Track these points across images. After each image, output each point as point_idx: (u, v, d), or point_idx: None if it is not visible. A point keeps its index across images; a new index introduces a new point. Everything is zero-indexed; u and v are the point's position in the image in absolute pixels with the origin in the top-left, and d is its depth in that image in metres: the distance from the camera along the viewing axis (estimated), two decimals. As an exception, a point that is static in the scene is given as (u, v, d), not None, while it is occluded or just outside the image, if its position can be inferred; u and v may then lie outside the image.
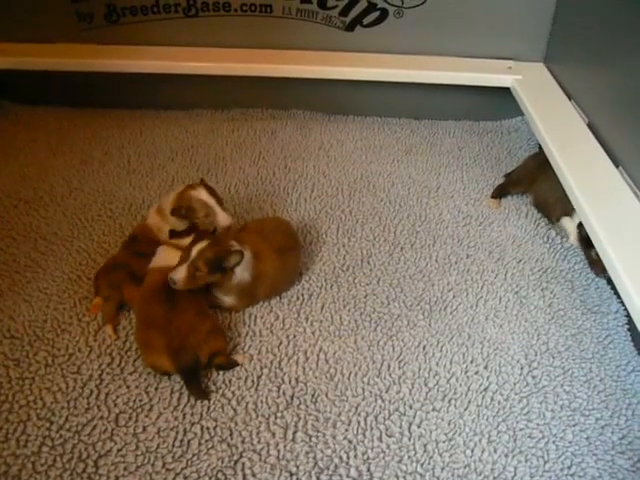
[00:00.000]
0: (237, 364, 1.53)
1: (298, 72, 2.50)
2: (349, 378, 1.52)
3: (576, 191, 1.75)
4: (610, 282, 1.80)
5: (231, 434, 1.38)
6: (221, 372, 1.52)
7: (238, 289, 1.63)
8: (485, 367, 1.56)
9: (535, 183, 2.14)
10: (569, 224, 1.96)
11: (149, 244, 1.73)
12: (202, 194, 1.76)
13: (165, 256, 1.65)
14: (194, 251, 1.52)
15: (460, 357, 1.59)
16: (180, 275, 1.50)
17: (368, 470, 1.32)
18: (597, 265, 1.77)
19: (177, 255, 1.59)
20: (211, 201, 1.75)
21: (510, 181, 2.24)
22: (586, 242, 1.77)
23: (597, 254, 1.62)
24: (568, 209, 1.91)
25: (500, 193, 2.22)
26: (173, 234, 1.72)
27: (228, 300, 1.66)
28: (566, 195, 1.84)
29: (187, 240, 1.66)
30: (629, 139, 1.84)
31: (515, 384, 1.52)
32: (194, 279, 1.52)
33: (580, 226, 1.82)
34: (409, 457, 1.35)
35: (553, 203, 2.03)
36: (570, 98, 2.24)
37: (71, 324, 1.64)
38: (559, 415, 1.45)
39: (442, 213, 2.12)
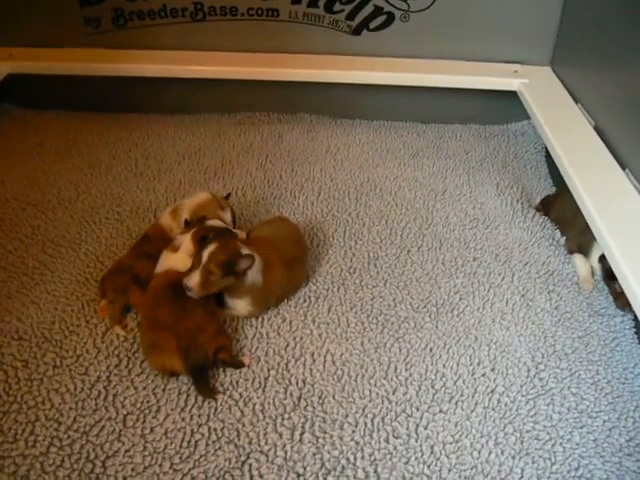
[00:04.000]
0: (243, 365, 1.54)
1: (305, 76, 2.51)
2: (356, 380, 1.52)
3: (583, 194, 1.75)
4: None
5: (238, 435, 1.39)
6: (229, 374, 1.52)
7: (252, 293, 1.62)
8: (492, 369, 1.56)
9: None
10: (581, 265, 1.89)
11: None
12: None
13: (167, 260, 1.64)
14: (205, 255, 1.48)
15: (467, 359, 1.59)
16: (194, 280, 1.47)
17: (375, 471, 1.32)
18: (621, 299, 1.68)
19: (178, 257, 1.61)
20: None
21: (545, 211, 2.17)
22: (609, 275, 1.67)
23: (621, 286, 1.54)
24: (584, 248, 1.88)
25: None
26: (187, 223, 1.71)
27: (243, 306, 1.64)
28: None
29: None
30: (636, 142, 1.84)
31: (522, 386, 1.52)
32: (209, 284, 1.49)
33: (602, 259, 1.74)
34: (416, 458, 1.35)
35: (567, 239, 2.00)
36: (577, 101, 2.24)
37: (79, 326, 1.65)
38: (566, 417, 1.45)
39: (448, 216, 2.12)
